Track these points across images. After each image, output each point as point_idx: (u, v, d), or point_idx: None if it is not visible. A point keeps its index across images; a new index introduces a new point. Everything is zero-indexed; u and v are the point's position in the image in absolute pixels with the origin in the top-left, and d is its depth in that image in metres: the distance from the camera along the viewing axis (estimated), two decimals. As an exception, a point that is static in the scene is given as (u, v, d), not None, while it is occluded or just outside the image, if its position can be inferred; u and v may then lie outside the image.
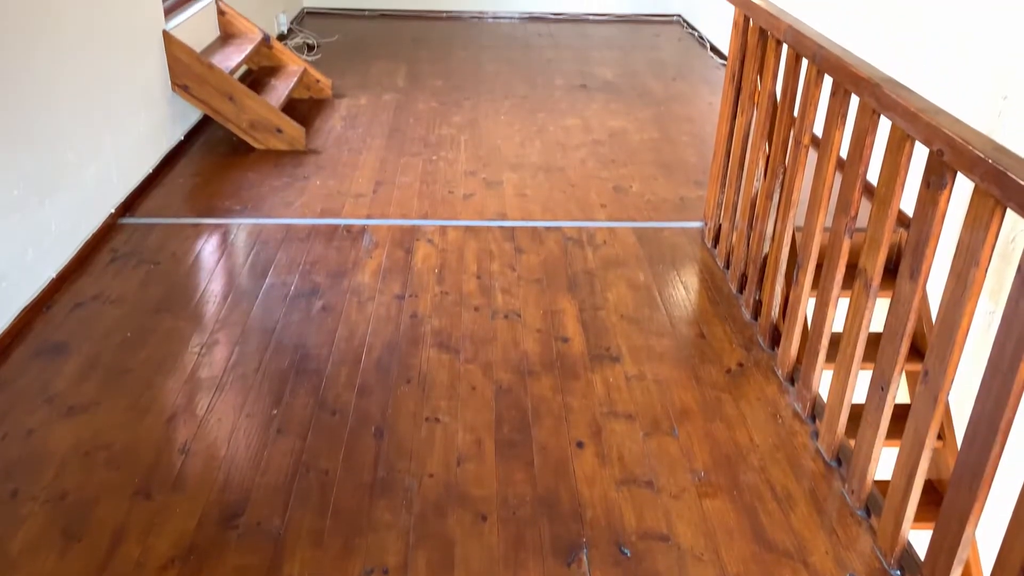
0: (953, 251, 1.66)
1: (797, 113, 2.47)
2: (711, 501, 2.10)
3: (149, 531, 1.94)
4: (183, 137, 4.17)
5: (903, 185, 1.92)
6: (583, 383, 2.52)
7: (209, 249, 3.23)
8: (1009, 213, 1.53)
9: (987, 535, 2.59)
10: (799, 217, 2.47)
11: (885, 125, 1.94)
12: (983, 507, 1.63)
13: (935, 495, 2.59)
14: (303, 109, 4.80)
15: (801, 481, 2.17)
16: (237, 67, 4.28)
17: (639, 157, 4.28)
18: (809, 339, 2.36)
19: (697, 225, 3.54)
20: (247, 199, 3.65)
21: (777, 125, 2.62)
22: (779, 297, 2.63)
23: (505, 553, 1.93)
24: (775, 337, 2.68)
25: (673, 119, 4.88)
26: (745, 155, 2.96)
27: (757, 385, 2.54)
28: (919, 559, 1.87)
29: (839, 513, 2.08)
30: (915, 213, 1.82)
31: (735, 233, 3.04)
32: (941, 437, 2.84)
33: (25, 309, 2.70)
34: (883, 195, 1.95)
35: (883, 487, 2.02)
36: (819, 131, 2.41)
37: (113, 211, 3.35)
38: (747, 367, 2.63)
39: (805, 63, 2.43)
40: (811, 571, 1.91)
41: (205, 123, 4.42)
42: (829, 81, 2.25)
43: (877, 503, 2.02)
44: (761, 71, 2.79)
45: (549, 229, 3.48)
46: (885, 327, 1.94)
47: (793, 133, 2.50)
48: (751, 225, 2.87)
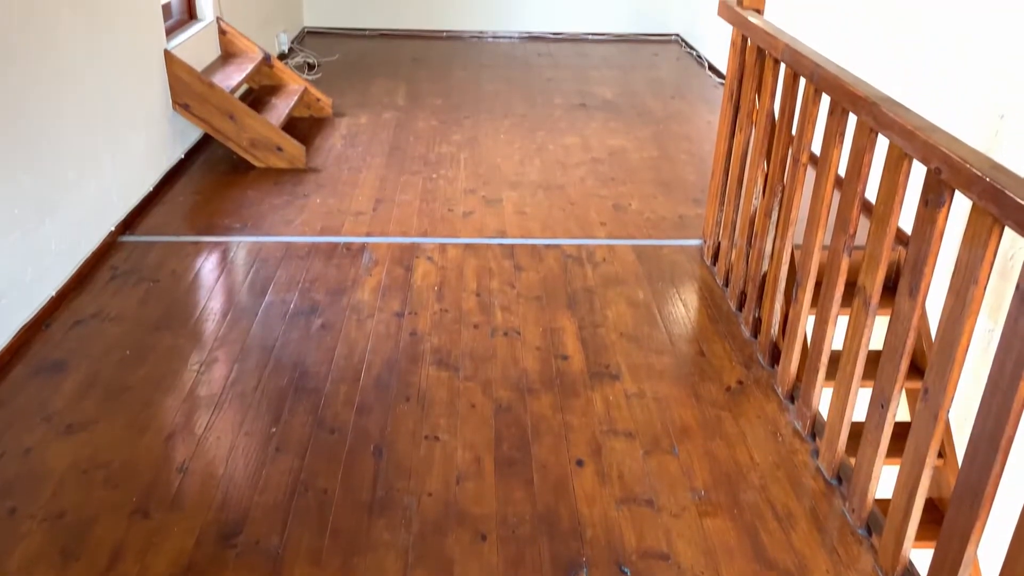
0: (952, 269, 1.67)
1: (795, 131, 2.48)
2: (711, 520, 2.09)
3: (147, 550, 1.93)
4: (183, 155, 4.19)
5: (901, 203, 1.93)
6: (583, 401, 2.51)
7: (209, 267, 3.23)
8: (1007, 231, 1.53)
9: (989, 554, 2.58)
10: (798, 235, 2.47)
11: (883, 143, 1.95)
12: (984, 526, 1.63)
13: (936, 514, 2.58)
14: (303, 128, 4.82)
15: (802, 500, 2.16)
16: (238, 86, 4.30)
17: (638, 175, 4.30)
18: (809, 357, 2.36)
19: (696, 243, 3.55)
20: (247, 217, 3.66)
21: (775, 143, 2.63)
22: (778, 315, 2.64)
23: (505, 572, 1.92)
24: (775, 355, 2.68)
25: (672, 137, 4.90)
26: (744, 173, 2.97)
27: (757, 403, 2.54)
28: (921, 578, 1.86)
29: (840, 532, 2.07)
30: (913, 231, 1.82)
31: (734, 251, 3.05)
32: (942, 455, 2.83)
33: (24, 327, 2.69)
34: (881, 213, 1.96)
35: (884, 506, 2.01)
36: (817, 149, 2.42)
37: (113, 229, 3.36)
38: (747, 385, 2.62)
39: (803, 82, 2.44)
40: (812, 590, 1.90)
41: (205, 141, 4.44)
42: (827, 100, 2.26)
43: (878, 522, 2.02)
44: (759, 90, 2.81)
45: (549, 247, 3.48)
46: (884, 345, 1.94)
47: (791, 151, 2.51)
48: (750, 243, 2.87)
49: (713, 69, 6.33)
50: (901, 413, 3.01)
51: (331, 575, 1.89)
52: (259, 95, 4.84)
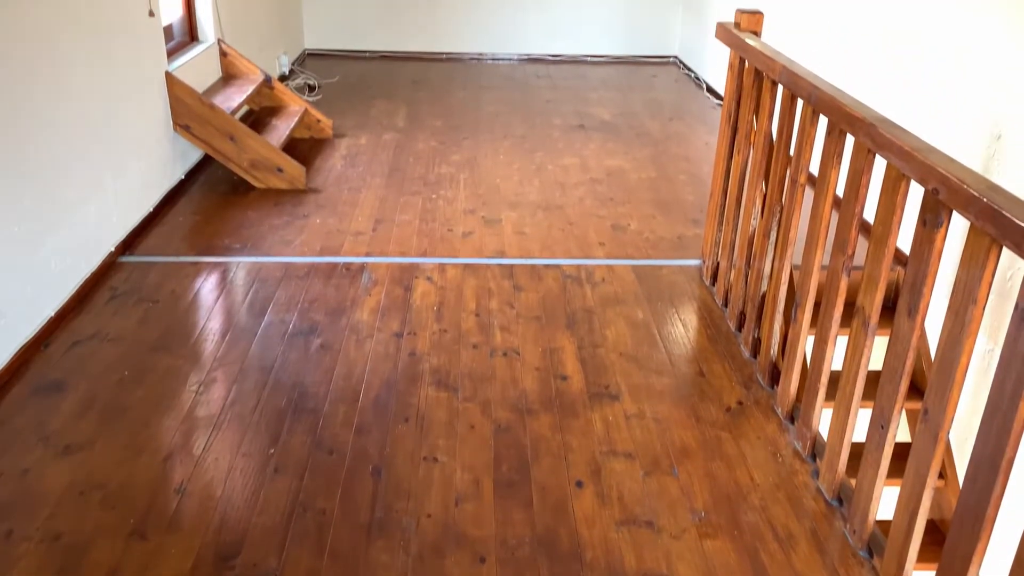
0: (950, 289, 1.67)
1: (793, 152, 2.49)
2: (712, 541, 2.08)
3: (144, 572, 1.92)
4: (184, 176, 4.20)
5: (899, 223, 1.93)
6: (582, 422, 2.51)
7: (208, 287, 3.23)
8: (1005, 250, 1.53)
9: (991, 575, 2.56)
10: (797, 255, 2.48)
11: (881, 164, 1.96)
12: (986, 547, 1.62)
13: (938, 535, 2.56)
14: (304, 148, 4.84)
15: (802, 521, 2.15)
16: (238, 107, 4.33)
17: (637, 196, 4.31)
18: (808, 377, 2.36)
19: (695, 263, 3.56)
20: (247, 237, 3.66)
21: (773, 164, 2.65)
22: (778, 335, 2.63)
23: (504, 595, 1.90)
24: (774, 375, 2.67)
25: (670, 158, 4.92)
26: (742, 194, 2.98)
27: (757, 424, 2.53)
28: (923, 601, 1.85)
29: (841, 553, 2.06)
30: (912, 251, 1.82)
31: (733, 271, 3.05)
32: (943, 476, 2.82)
33: (23, 347, 2.69)
34: (880, 233, 1.96)
35: (885, 527, 2.00)
36: (815, 170, 2.43)
37: (113, 249, 3.36)
38: (747, 405, 2.62)
39: (800, 103, 2.46)
40: (814, 613, 1.89)
41: (206, 162, 4.45)
42: (825, 121, 2.27)
43: (879, 543, 2.00)
44: (757, 111, 2.82)
45: (548, 267, 3.49)
46: (884, 365, 1.94)
47: (789, 172, 2.52)
48: (749, 263, 2.88)
49: (711, 90, 6.37)
50: (902, 434, 3.00)
51: (329, 598, 1.88)
52: (260, 116, 4.86)
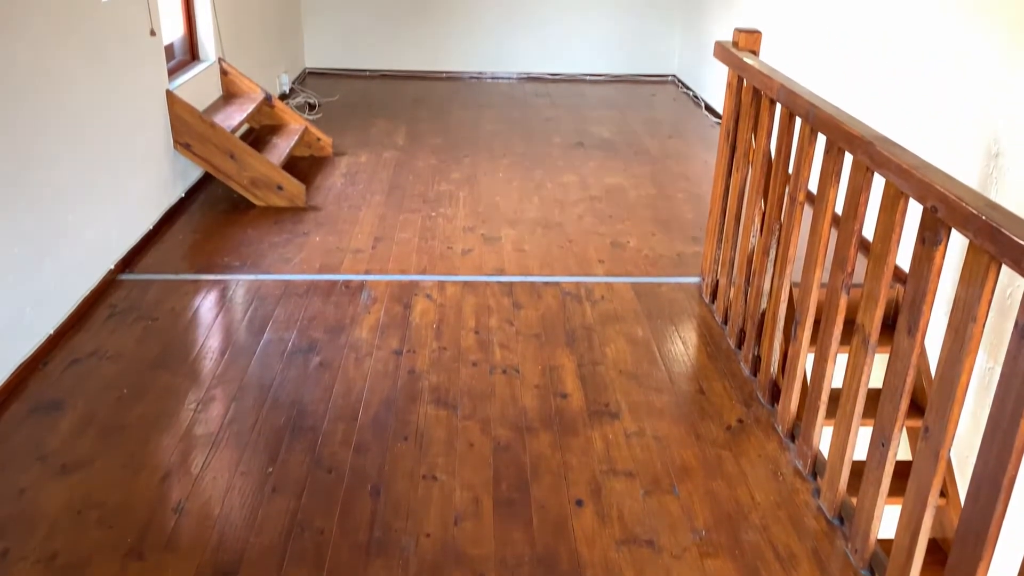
0: (950, 306, 1.67)
1: (792, 170, 2.50)
2: (713, 561, 2.06)
3: (140, 593, 1.90)
4: (184, 194, 4.21)
5: (898, 241, 1.93)
6: (582, 440, 2.50)
7: (207, 305, 3.23)
8: (1004, 268, 1.53)
9: (994, 596, 2.54)
10: (796, 273, 2.48)
11: (880, 182, 1.96)
12: (989, 566, 1.61)
13: (940, 554, 2.55)
14: (304, 167, 4.85)
15: (803, 540, 2.14)
16: (239, 126, 4.34)
17: (636, 213, 4.32)
18: (809, 395, 2.35)
19: (695, 280, 3.56)
20: (246, 255, 3.66)
21: (772, 182, 2.65)
22: (778, 353, 2.63)
23: (503, 615, 1.89)
24: (775, 393, 2.67)
25: (669, 176, 4.94)
26: (741, 212, 2.99)
27: (757, 442, 2.52)
28: (926, 621, 1.84)
29: (842, 573, 2.04)
30: (911, 269, 1.83)
31: (733, 289, 3.05)
32: (944, 495, 2.81)
33: (21, 366, 2.69)
34: (879, 251, 1.97)
35: (887, 546, 1.99)
36: (814, 188, 2.44)
37: (112, 267, 3.36)
38: (747, 424, 2.61)
39: (799, 121, 2.47)
40: (816, 633, 1.87)
41: (206, 180, 4.46)
42: (823, 139, 2.28)
43: (881, 562, 1.99)
44: (755, 129, 2.83)
45: (547, 284, 3.49)
46: (884, 383, 1.94)
47: (788, 190, 2.53)
48: (748, 281, 2.88)
49: (710, 109, 6.39)
50: (902, 452, 2.99)
51: (327, 618, 1.86)
52: (260, 134, 4.88)
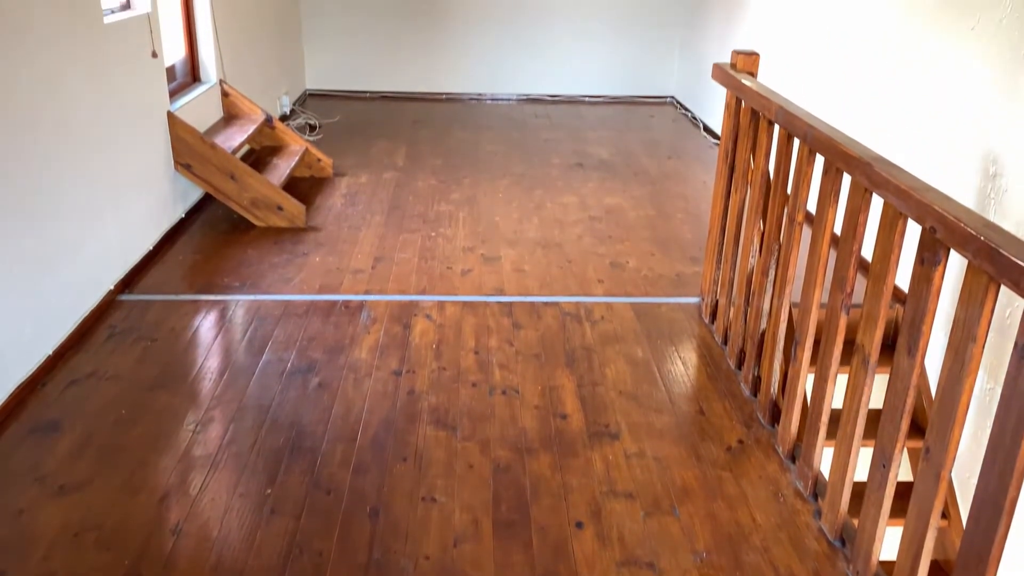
0: (950, 326, 1.67)
1: (790, 191, 2.51)
2: (714, 583, 2.05)
3: (137, 616, 1.89)
4: (184, 215, 4.22)
5: (897, 261, 1.94)
6: (582, 461, 2.49)
7: (207, 325, 3.23)
8: (1004, 288, 1.54)
9: (998, 618, 2.52)
10: (795, 293, 2.48)
11: (878, 202, 1.97)
12: (992, 589, 1.60)
13: (942, 576, 2.53)
14: (304, 187, 4.87)
15: (805, 562, 2.13)
16: (239, 147, 4.36)
17: (635, 233, 4.33)
18: (809, 416, 2.35)
19: (694, 301, 3.56)
20: (246, 276, 3.67)
21: (771, 203, 2.66)
22: (778, 373, 2.63)
23: (503, 638, 1.87)
24: (775, 414, 2.66)
25: (668, 197, 4.95)
26: (740, 232, 2.99)
27: (758, 463, 2.51)
28: (929, 644, 1.82)
29: (845, 595, 2.03)
30: (910, 289, 1.83)
31: (732, 309, 3.05)
32: (946, 516, 2.79)
33: (20, 386, 2.68)
34: (878, 271, 1.97)
35: (888, 568, 1.98)
36: (813, 208, 2.45)
37: (112, 288, 3.37)
38: (747, 444, 2.60)
39: (797, 142, 2.48)
40: (818, 657, 1.86)
41: (206, 201, 4.47)
42: (821, 159, 2.29)
43: (883, 585, 1.98)
44: (754, 150, 2.84)
45: (547, 304, 3.49)
46: (884, 403, 1.93)
47: (787, 210, 2.53)
48: (748, 301, 2.88)
49: (708, 130, 6.43)
50: (904, 473, 2.98)
51: (325, 641, 1.85)
52: (261, 155, 4.90)
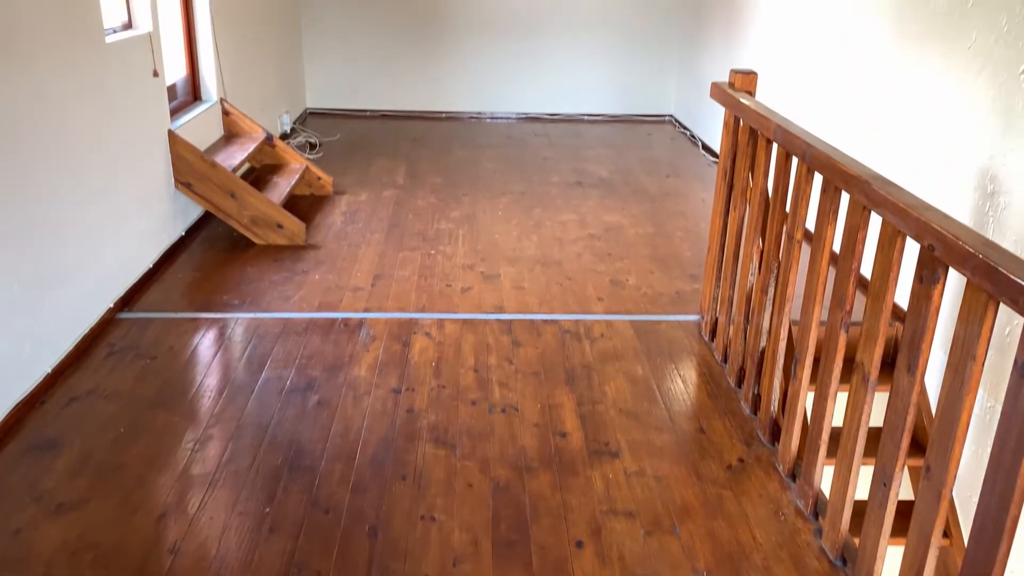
0: (949, 344, 1.67)
1: (789, 209, 2.51)
2: (715, 603, 2.04)
3: (134, 636, 1.87)
4: (184, 233, 4.23)
5: (896, 279, 1.94)
6: (582, 480, 2.48)
7: (206, 343, 3.23)
8: (1003, 307, 1.54)
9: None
10: (795, 311, 2.48)
11: (877, 220, 1.97)
12: (994, 609, 1.59)
13: (945, 596, 2.52)
14: (304, 205, 4.88)
15: (806, 581, 2.11)
16: (240, 165, 4.38)
17: (635, 251, 4.33)
18: (809, 434, 2.34)
19: (694, 319, 3.56)
20: (246, 293, 3.67)
21: (770, 220, 2.67)
22: (778, 391, 2.62)
23: (502, 659, 1.86)
24: (775, 432, 2.65)
25: (667, 214, 4.96)
26: (739, 250, 3.00)
27: (759, 481, 2.50)
28: (931, 664, 1.81)
29: (847, 615, 2.02)
30: (909, 307, 1.83)
31: (732, 327, 3.05)
32: (948, 535, 2.78)
33: (19, 404, 2.67)
34: (877, 289, 1.97)
35: (891, 588, 1.97)
36: (812, 226, 2.45)
37: (112, 306, 3.37)
38: (748, 463, 2.59)
39: (795, 161, 2.49)
40: (820, 678, 1.84)
41: (206, 219, 4.48)
42: (820, 178, 2.30)
43: (885, 605, 1.97)
44: (752, 168, 2.86)
45: (546, 322, 3.49)
46: (885, 422, 1.93)
47: (786, 228, 2.54)
48: (747, 319, 2.88)
49: (707, 148, 6.45)
50: (905, 492, 2.97)
51: (323, 662, 1.83)
52: (261, 174, 4.91)
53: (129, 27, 3.78)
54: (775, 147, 2.66)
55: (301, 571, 2.08)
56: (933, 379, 2.98)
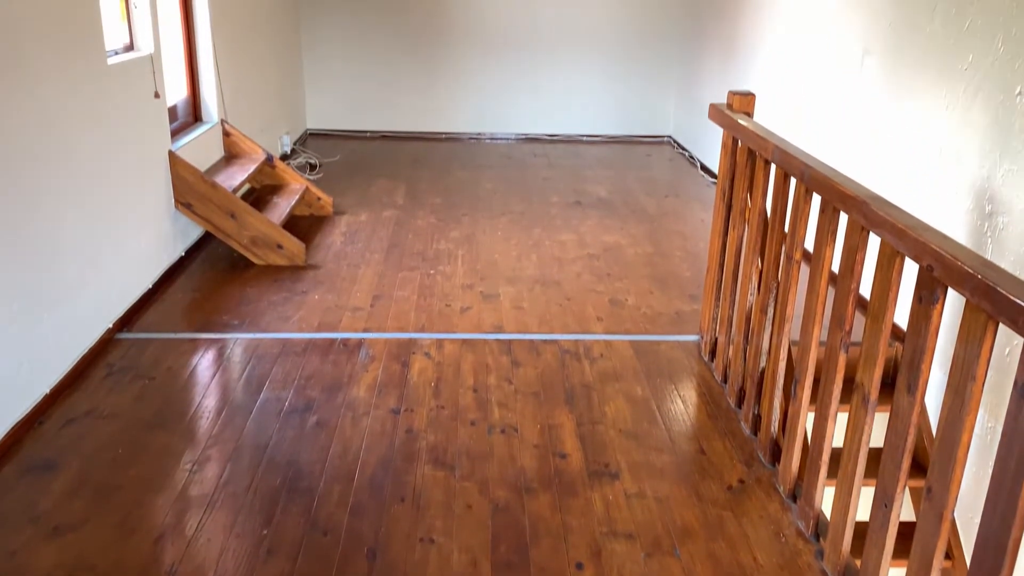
0: (949, 364, 1.67)
1: (788, 229, 2.52)
2: (716, 626, 2.02)
3: (130, 660, 1.86)
4: (184, 253, 4.23)
5: (896, 299, 1.94)
6: (582, 501, 2.47)
7: (205, 364, 3.22)
8: (1002, 327, 1.54)
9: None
10: (794, 331, 2.48)
11: (876, 240, 1.98)
12: (998, 632, 1.58)
13: (948, 618, 2.50)
14: (304, 226, 4.89)
15: (808, 604, 2.10)
16: (240, 185, 4.39)
17: (634, 271, 4.34)
18: (810, 455, 2.33)
19: (693, 338, 3.56)
20: (245, 314, 3.67)
21: (768, 241, 2.67)
22: (778, 412, 2.62)
23: None
24: (775, 452, 2.64)
25: (666, 234, 4.97)
26: (738, 270, 3.00)
27: (759, 502, 2.49)
28: None
29: (849, 638, 2.00)
30: (909, 327, 1.83)
31: (731, 347, 3.05)
32: (950, 556, 2.76)
33: (17, 425, 2.66)
34: (876, 310, 1.97)
35: (893, 610, 1.95)
36: (810, 246, 2.46)
37: (111, 326, 3.36)
38: (748, 484, 2.58)
39: (793, 181, 2.49)
40: None
41: (206, 239, 4.49)
42: (818, 198, 2.31)
43: (888, 627, 1.95)
44: (751, 189, 2.87)
45: (546, 342, 3.48)
46: (885, 443, 1.92)
47: (785, 248, 2.54)
48: (747, 339, 2.88)
49: (705, 169, 6.47)
50: (907, 512, 2.95)
51: None
52: (261, 194, 4.92)
53: (131, 49, 3.81)
54: (773, 168, 2.67)
55: (299, 594, 2.07)
56: (933, 399, 2.98)
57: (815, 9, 4.46)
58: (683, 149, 7.20)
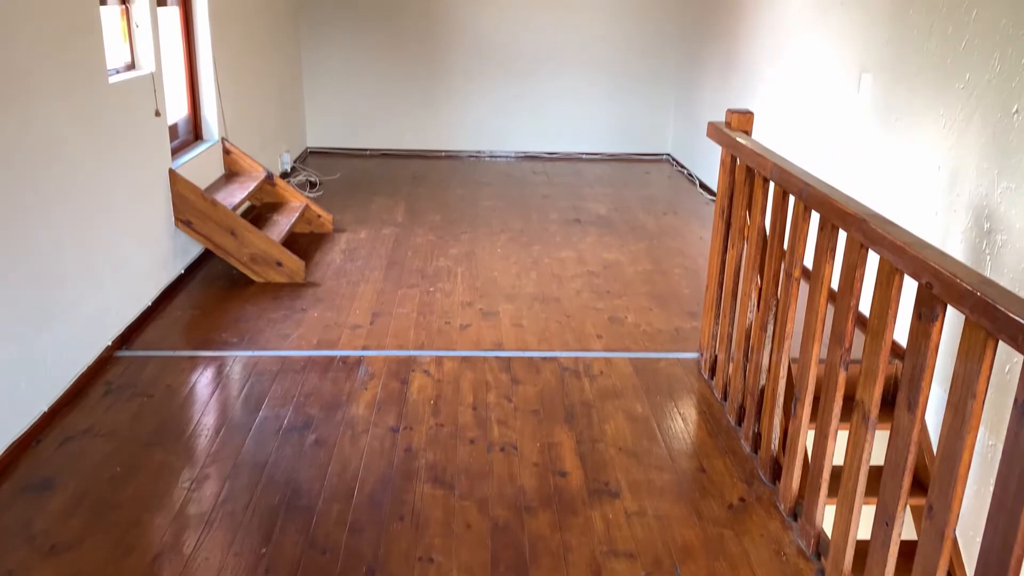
0: (950, 381, 1.66)
1: (787, 247, 2.52)
2: (717, 646, 2.00)
3: None
4: (183, 270, 4.24)
5: (895, 317, 1.94)
6: (582, 520, 2.46)
7: (204, 382, 3.22)
8: (1002, 344, 1.54)
9: None
10: (794, 349, 2.48)
11: (875, 258, 1.98)
12: (1001, 652, 1.56)
13: (950, 638, 2.48)
14: (304, 243, 4.90)
15: (810, 623, 2.09)
16: (240, 203, 4.40)
17: (633, 288, 4.34)
18: (810, 473, 2.32)
19: (693, 356, 3.55)
20: (244, 331, 3.66)
21: (768, 258, 2.68)
22: (778, 430, 2.61)
23: None
24: (776, 471, 2.63)
25: (665, 252, 4.98)
26: (737, 287, 3.00)
27: (760, 521, 2.48)
28: None
29: (851, 658, 1.99)
30: (908, 345, 1.83)
31: (731, 364, 3.04)
32: (951, 575, 2.75)
33: (14, 443, 2.65)
34: (876, 327, 1.97)
35: (895, 630, 1.94)
36: (810, 263, 2.46)
37: (110, 344, 3.36)
38: (749, 502, 2.57)
39: (792, 199, 2.50)
40: None
41: (206, 256, 4.50)
42: (817, 216, 2.31)
43: (890, 647, 1.94)
44: (750, 207, 2.87)
45: (545, 359, 3.48)
46: (886, 461, 1.92)
47: (784, 266, 2.55)
48: (747, 356, 2.88)
49: (704, 187, 6.49)
50: (908, 531, 2.94)
51: None
52: (261, 212, 4.93)
53: (132, 68, 3.83)
54: (772, 185, 2.67)
55: (297, 613, 2.05)
56: (933, 417, 2.97)
57: (813, 28, 4.49)
58: (682, 167, 7.22)
